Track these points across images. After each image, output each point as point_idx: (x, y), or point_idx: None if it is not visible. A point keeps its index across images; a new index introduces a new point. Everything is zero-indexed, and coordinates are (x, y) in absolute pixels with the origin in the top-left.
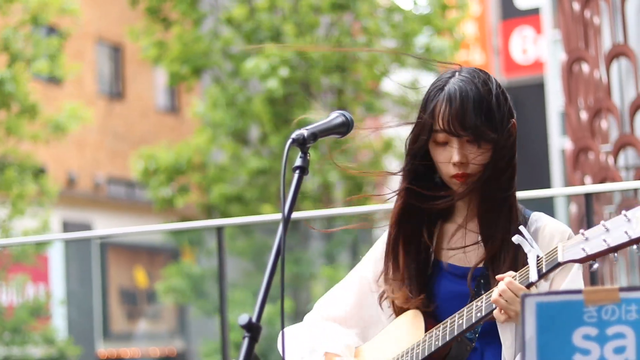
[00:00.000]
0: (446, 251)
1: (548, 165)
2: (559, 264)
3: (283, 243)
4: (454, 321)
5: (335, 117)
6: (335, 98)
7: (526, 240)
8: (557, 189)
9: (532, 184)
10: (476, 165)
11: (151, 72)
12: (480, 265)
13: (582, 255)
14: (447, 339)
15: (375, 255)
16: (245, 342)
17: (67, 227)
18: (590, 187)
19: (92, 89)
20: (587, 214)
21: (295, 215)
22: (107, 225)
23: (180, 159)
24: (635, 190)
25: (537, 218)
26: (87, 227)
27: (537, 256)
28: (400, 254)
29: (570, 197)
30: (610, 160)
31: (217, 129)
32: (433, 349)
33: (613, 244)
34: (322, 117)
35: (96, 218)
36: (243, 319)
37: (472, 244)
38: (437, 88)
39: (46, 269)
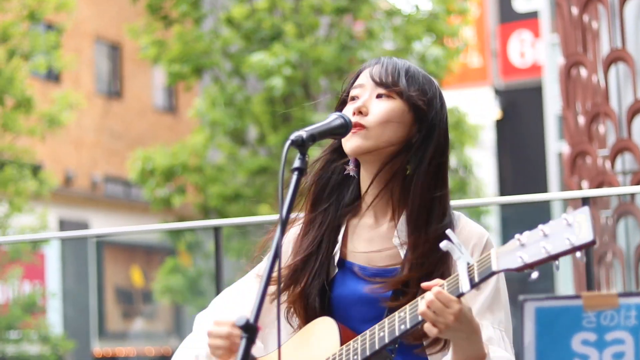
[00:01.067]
0: (354, 250)
1: (545, 169)
2: (492, 273)
3: (280, 244)
4: (374, 333)
5: (334, 119)
6: (334, 99)
7: (454, 245)
8: (554, 193)
9: (528, 188)
10: (377, 116)
11: (149, 72)
12: (395, 266)
13: (520, 264)
14: (368, 354)
15: (289, 239)
16: (243, 342)
17: (63, 225)
18: (587, 191)
19: (90, 88)
20: None
21: (292, 216)
22: (103, 224)
23: (176, 160)
24: (632, 195)
25: (457, 217)
26: (83, 225)
27: (468, 263)
28: (303, 252)
29: (567, 202)
30: (608, 164)
31: (215, 129)
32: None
33: (554, 251)
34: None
35: (93, 217)
36: (240, 319)
37: (387, 247)
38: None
39: (42, 267)
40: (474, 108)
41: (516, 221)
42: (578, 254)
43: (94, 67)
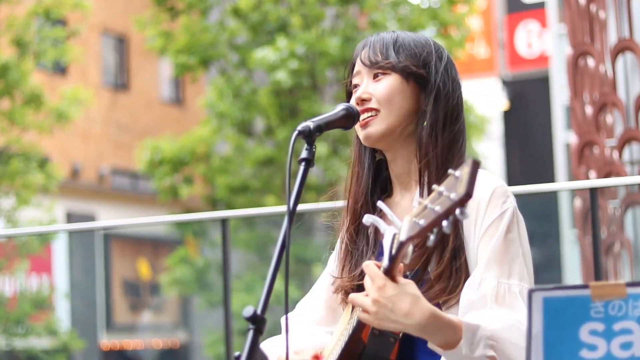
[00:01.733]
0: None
1: (552, 159)
2: (402, 244)
3: (288, 236)
4: (354, 313)
5: (340, 109)
6: (341, 90)
7: (380, 217)
8: (562, 183)
9: (536, 178)
10: (381, 97)
11: (156, 64)
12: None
13: (418, 229)
14: (347, 339)
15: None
16: (250, 334)
17: (71, 218)
18: (595, 181)
19: (97, 80)
20: (592, 208)
21: (300, 207)
22: (111, 217)
23: (184, 150)
24: None
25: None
26: (91, 218)
27: (394, 235)
28: (347, 240)
29: (574, 192)
30: (615, 154)
31: (222, 120)
32: (340, 351)
33: (441, 210)
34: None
35: (100, 209)
36: (248, 311)
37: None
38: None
39: (50, 260)
40: (481, 99)
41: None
42: (457, 210)
43: (101, 60)
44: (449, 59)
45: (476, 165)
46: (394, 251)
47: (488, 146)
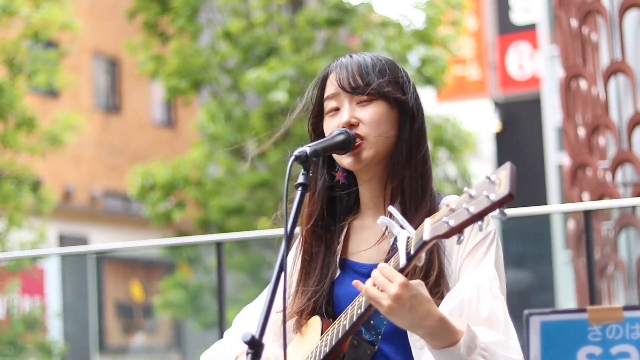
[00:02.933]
0: (354, 249)
1: (544, 181)
2: (425, 243)
3: (285, 260)
4: (340, 323)
5: (337, 134)
6: None
7: (393, 220)
8: (556, 206)
9: (528, 200)
10: (370, 124)
11: (148, 86)
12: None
13: (446, 229)
14: (334, 344)
15: (291, 258)
16: (249, 358)
17: (63, 240)
18: (588, 203)
19: (89, 103)
20: (586, 230)
21: (296, 231)
22: (103, 239)
23: (176, 174)
24: (634, 207)
25: (448, 202)
26: (83, 240)
27: (408, 237)
28: (304, 261)
29: (567, 214)
30: (608, 176)
31: (215, 143)
32: (322, 356)
33: (475, 211)
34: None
35: (93, 232)
36: (246, 335)
37: (382, 241)
38: (328, 66)
39: (42, 282)
40: (472, 120)
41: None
42: (497, 210)
43: (93, 82)
44: (410, 78)
45: (514, 168)
46: (412, 250)
47: (480, 167)
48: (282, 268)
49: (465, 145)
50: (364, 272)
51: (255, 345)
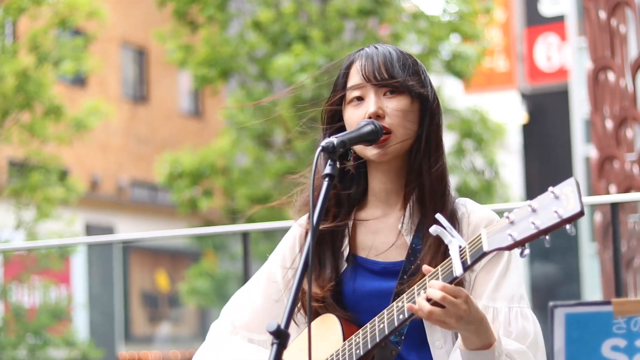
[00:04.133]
0: (362, 243)
1: (571, 172)
2: (484, 254)
3: (312, 251)
4: (374, 326)
5: (364, 125)
6: None
7: (445, 229)
8: (583, 198)
9: None
10: (396, 117)
11: (175, 76)
12: (402, 256)
13: (510, 242)
14: (369, 347)
15: (284, 249)
16: (274, 348)
17: (90, 230)
18: (615, 196)
19: (117, 92)
20: (613, 223)
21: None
22: (129, 229)
23: (204, 162)
24: None
25: (464, 203)
26: (109, 230)
27: (460, 246)
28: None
29: (594, 207)
30: (636, 169)
31: (242, 132)
32: (355, 359)
33: (543, 226)
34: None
35: (119, 221)
36: (272, 325)
37: (394, 237)
38: (352, 54)
39: (68, 272)
40: (500, 112)
41: None
42: (567, 226)
43: (120, 72)
44: (427, 73)
45: (578, 184)
46: (470, 260)
47: (507, 159)
48: (307, 262)
49: (492, 137)
50: (376, 270)
51: (280, 335)
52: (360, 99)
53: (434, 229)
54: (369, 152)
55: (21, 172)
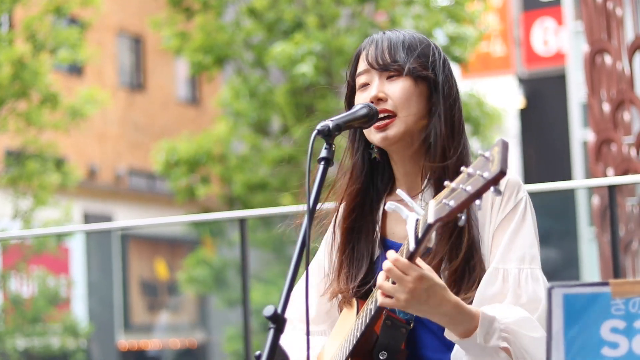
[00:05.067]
0: (391, 227)
1: (569, 156)
2: (430, 225)
3: (308, 235)
4: (367, 307)
5: (359, 108)
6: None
7: (401, 204)
8: (580, 181)
9: (553, 176)
10: (398, 99)
11: (172, 63)
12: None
13: (447, 210)
14: (363, 328)
15: (327, 241)
16: (271, 333)
17: (88, 218)
18: (613, 179)
19: (113, 81)
20: (610, 206)
21: (319, 206)
22: (128, 217)
23: (201, 150)
24: None
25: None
26: (108, 218)
27: (417, 220)
28: (346, 237)
29: (592, 189)
30: (633, 152)
31: (239, 119)
32: (355, 342)
33: (472, 190)
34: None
35: (117, 210)
36: (268, 310)
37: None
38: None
39: (67, 260)
40: (497, 96)
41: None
42: (492, 189)
43: (117, 60)
44: (445, 56)
45: (506, 144)
46: (420, 234)
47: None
48: (304, 244)
49: (489, 121)
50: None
51: (277, 320)
52: (367, 85)
53: (388, 206)
54: (374, 137)
55: (18, 161)
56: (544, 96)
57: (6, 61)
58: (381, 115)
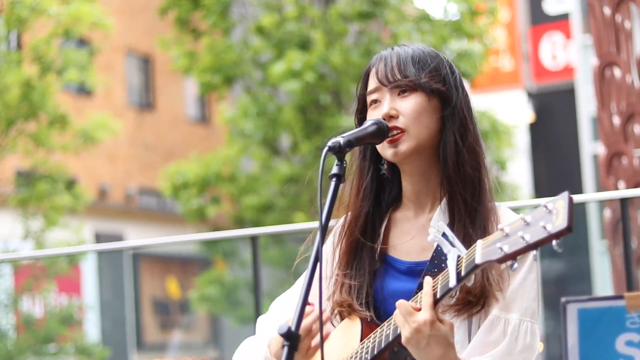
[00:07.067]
0: (394, 242)
1: (580, 170)
2: (476, 266)
3: (320, 252)
4: (382, 331)
5: (370, 124)
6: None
7: (445, 238)
8: (592, 194)
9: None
10: (410, 116)
11: (181, 83)
12: (425, 259)
13: (500, 255)
14: (375, 352)
15: (327, 250)
16: (285, 351)
17: (99, 238)
18: (624, 191)
19: (122, 101)
20: (623, 218)
21: (331, 223)
22: (139, 236)
23: (209, 171)
24: None
25: (497, 206)
26: (119, 238)
27: (458, 256)
28: (347, 250)
29: (603, 203)
30: None
31: (248, 139)
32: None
33: (531, 240)
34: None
35: (128, 229)
36: (282, 328)
37: (423, 238)
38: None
39: (78, 280)
40: (506, 111)
41: None
42: (554, 242)
43: (126, 80)
44: (457, 70)
45: (571, 199)
46: (463, 272)
47: (515, 158)
48: (318, 260)
49: (500, 138)
50: (402, 269)
51: (291, 338)
52: (378, 101)
53: (432, 237)
54: (387, 152)
55: (28, 182)
56: (553, 110)
57: (15, 83)
58: (393, 132)
